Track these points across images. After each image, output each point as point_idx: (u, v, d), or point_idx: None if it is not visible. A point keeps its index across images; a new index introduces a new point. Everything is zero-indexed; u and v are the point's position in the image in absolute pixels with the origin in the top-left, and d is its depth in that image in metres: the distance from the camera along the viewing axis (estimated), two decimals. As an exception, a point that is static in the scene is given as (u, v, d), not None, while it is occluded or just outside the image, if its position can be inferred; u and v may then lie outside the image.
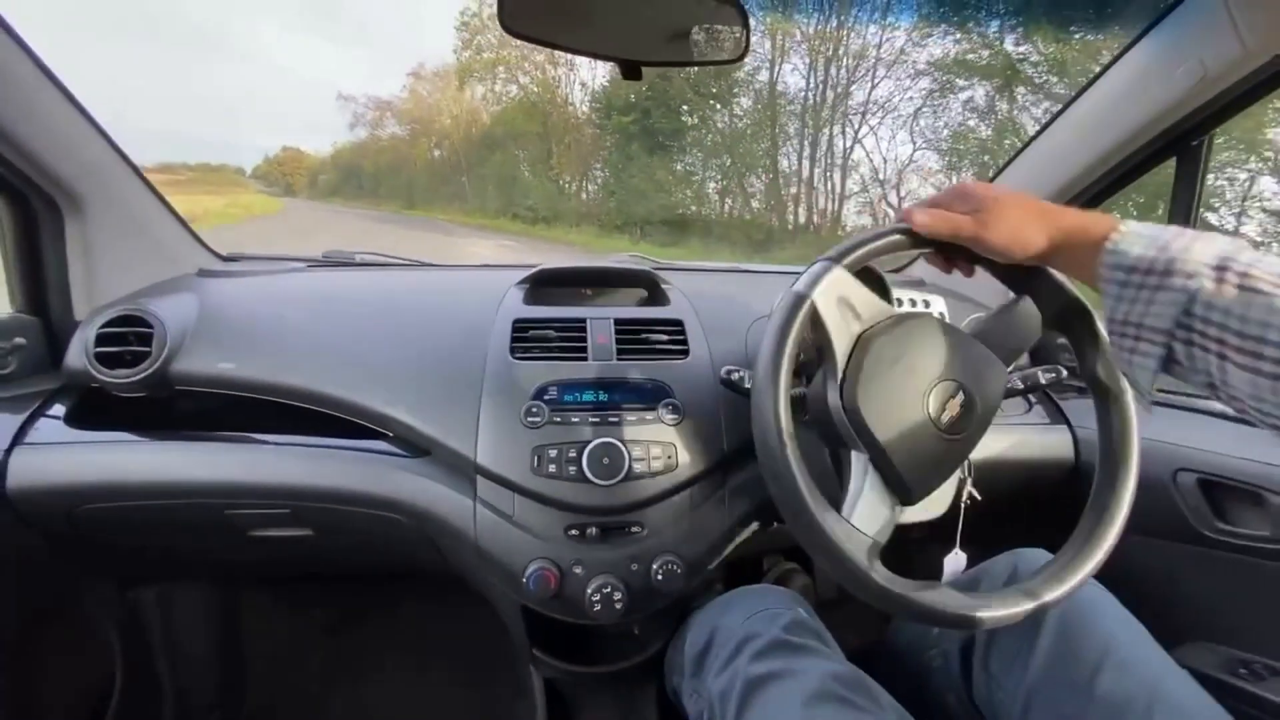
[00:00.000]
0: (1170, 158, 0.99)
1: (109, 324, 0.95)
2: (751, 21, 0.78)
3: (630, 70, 0.76)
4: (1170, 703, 0.62)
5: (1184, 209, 0.99)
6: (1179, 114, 0.91)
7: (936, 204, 0.68)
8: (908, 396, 0.69)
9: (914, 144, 15.05)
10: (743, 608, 0.82)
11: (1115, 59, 0.98)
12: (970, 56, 12.95)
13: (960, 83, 13.25)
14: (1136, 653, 0.67)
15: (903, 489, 0.68)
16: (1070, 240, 0.61)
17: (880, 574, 0.64)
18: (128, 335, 0.95)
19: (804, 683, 0.67)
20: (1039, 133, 1.13)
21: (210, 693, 1.42)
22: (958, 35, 13.15)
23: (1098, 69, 1.01)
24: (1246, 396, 0.50)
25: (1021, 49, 11.89)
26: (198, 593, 1.40)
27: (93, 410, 0.99)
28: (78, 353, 0.95)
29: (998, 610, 0.65)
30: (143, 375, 0.94)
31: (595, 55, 0.76)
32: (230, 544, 1.09)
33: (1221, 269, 0.51)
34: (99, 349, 0.94)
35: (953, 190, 0.67)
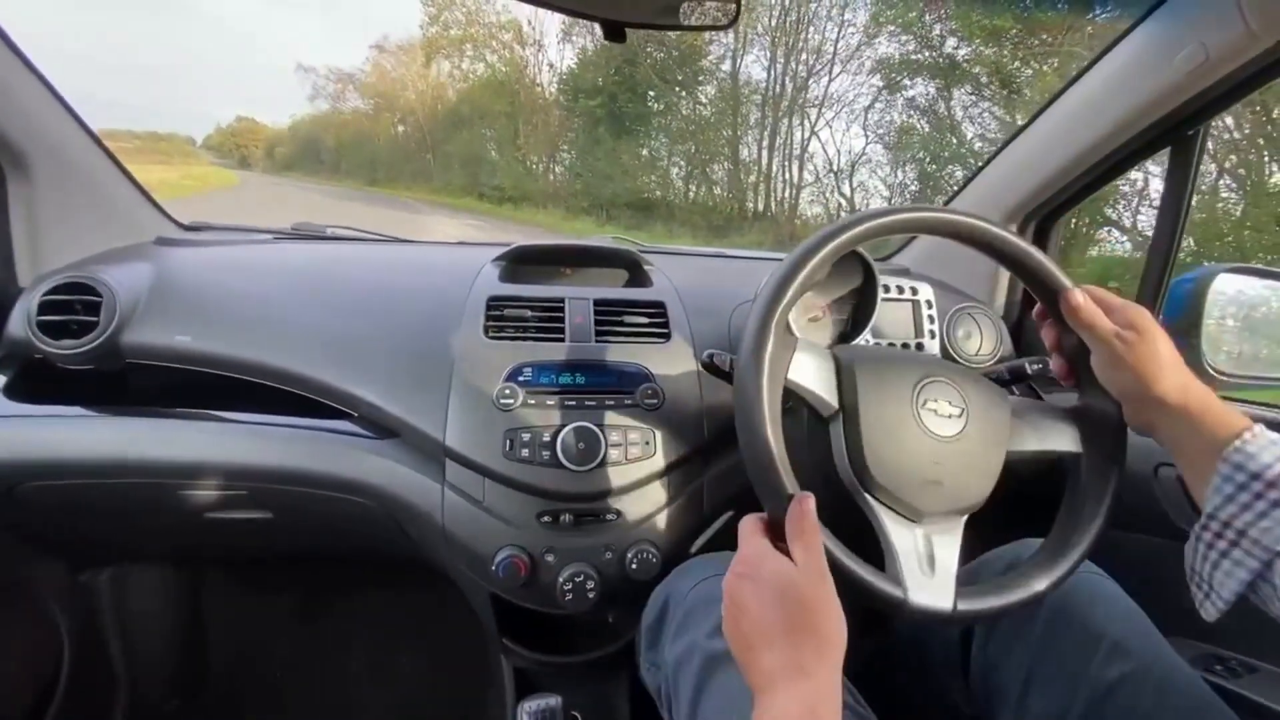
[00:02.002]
0: (1165, 148, 0.97)
1: (54, 291, 0.88)
2: None
3: (613, 31, 0.71)
4: (1162, 686, 0.62)
5: (1176, 201, 0.97)
6: (1177, 101, 0.88)
7: (1103, 301, 0.65)
8: (900, 373, 0.66)
9: (866, 138, 15.31)
10: (693, 573, 0.78)
11: (1112, 44, 0.95)
12: (915, 57, 13.24)
13: (905, 81, 13.57)
14: (1132, 636, 0.66)
15: (855, 463, 0.65)
16: (1201, 418, 0.57)
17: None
18: (74, 304, 0.88)
19: None
20: (1029, 121, 1.10)
21: (167, 681, 1.35)
22: (903, 37, 13.44)
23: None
24: None
25: (962, 51, 12.17)
26: (155, 575, 1.33)
27: (37, 383, 0.92)
28: (19, 321, 0.88)
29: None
30: (89, 346, 0.88)
31: (577, 14, 0.71)
32: (185, 525, 1.04)
33: None
34: (42, 317, 0.87)
35: (1116, 303, 0.64)
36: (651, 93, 19.59)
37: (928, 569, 0.63)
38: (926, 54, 13.01)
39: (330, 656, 1.47)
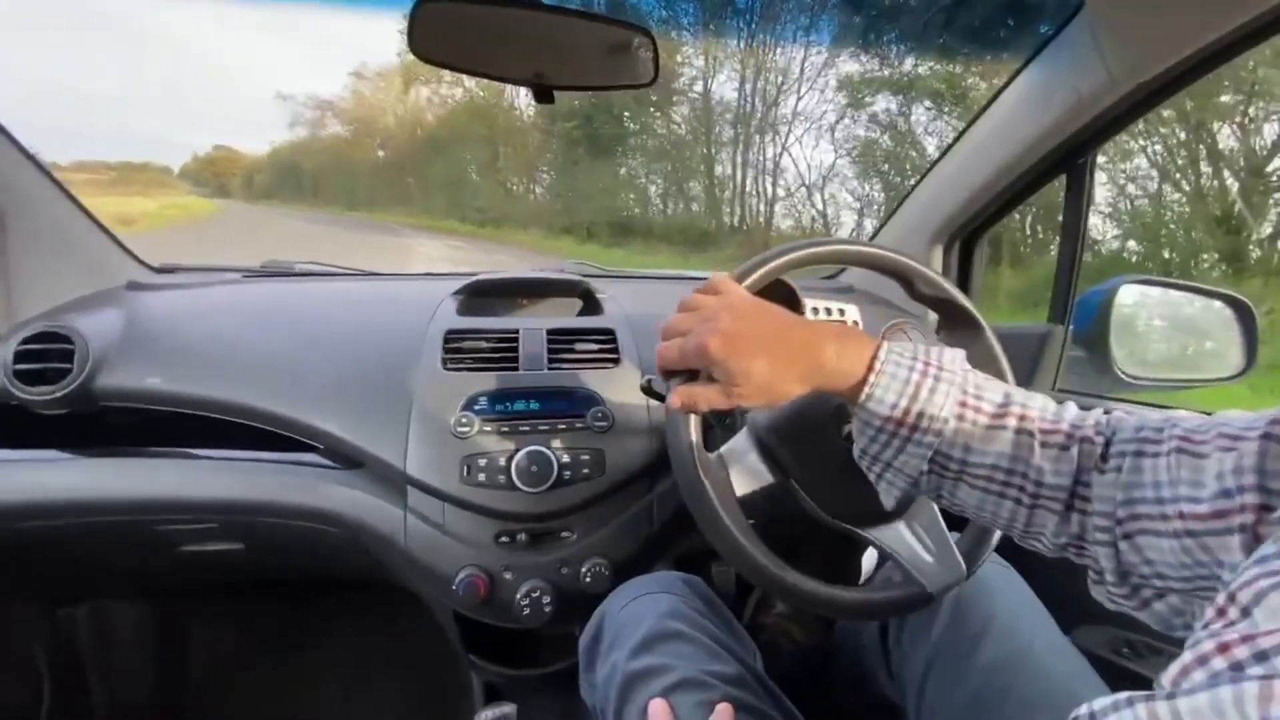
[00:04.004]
0: (1059, 175, 1.05)
1: (28, 340, 0.91)
2: (686, 36, 0.79)
3: (542, 95, 0.76)
4: (1038, 667, 0.65)
5: (1074, 221, 1.04)
6: (1062, 135, 0.96)
7: (671, 362, 0.62)
8: (813, 418, 0.71)
9: (835, 152, 15.65)
10: (624, 594, 0.81)
11: (1003, 87, 1.03)
12: (876, 74, 13.65)
13: (868, 98, 13.93)
14: (1016, 621, 0.70)
15: (824, 507, 0.71)
16: (831, 384, 0.57)
17: (760, 552, 0.66)
18: (48, 352, 0.92)
19: (669, 678, 0.66)
20: (941, 155, 1.18)
21: (146, 713, 1.37)
22: (865, 56, 13.85)
23: (985, 87, 1.07)
24: (970, 507, 0.57)
25: (920, 69, 12.56)
26: (132, 609, 1.36)
27: (15, 429, 0.95)
28: None
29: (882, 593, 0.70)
30: (64, 392, 0.91)
31: (507, 80, 0.76)
32: (160, 560, 1.07)
33: (961, 408, 0.55)
34: (18, 366, 0.90)
35: (682, 339, 0.60)
36: (627, 114, 19.72)
37: (927, 554, 0.71)
38: (886, 71, 13.40)
39: (307, 681, 1.49)
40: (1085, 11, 0.86)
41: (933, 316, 1.30)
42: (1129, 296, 1.05)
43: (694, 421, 0.67)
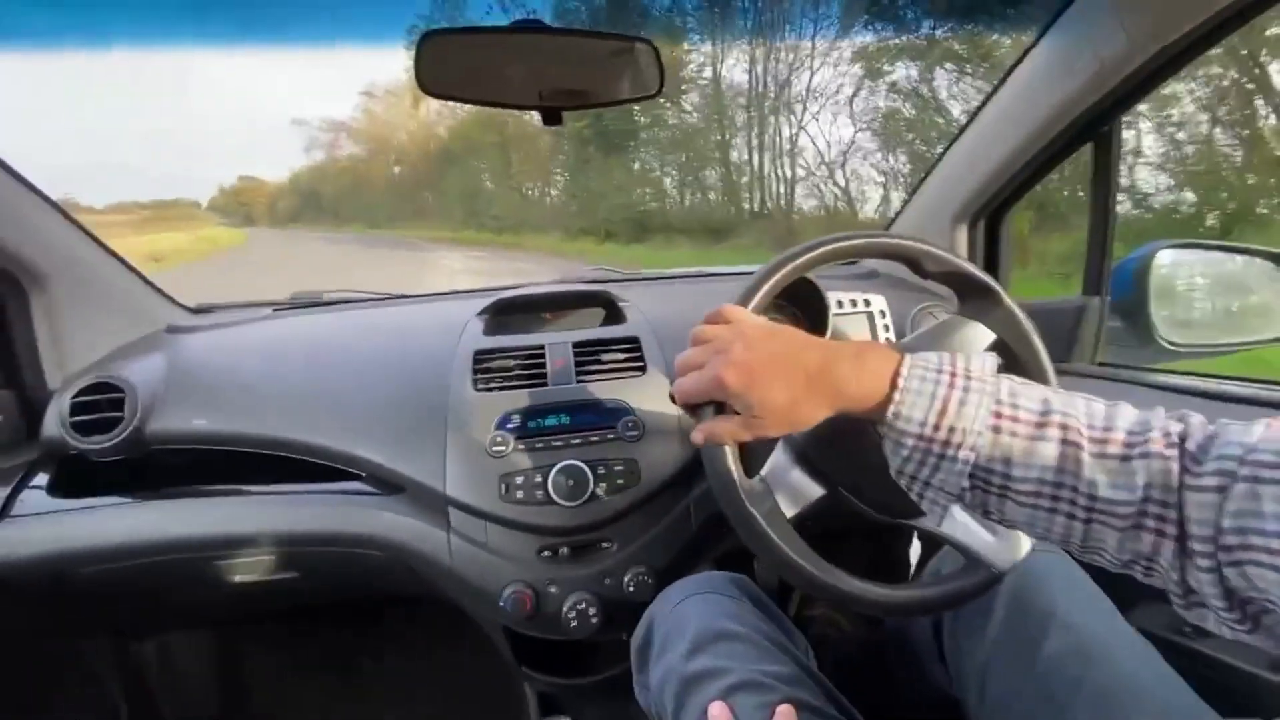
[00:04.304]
0: (1085, 143, 1.03)
1: (82, 392, 0.96)
2: (692, 25, 0.79)
3: (550, 117, 0.77)
4: (1106, 658, 0.65)
5: (1104, 191, 1.03)
6: (1084, 104, 0.95)
7: (691, 396, 0.62)
8: (849, 418, 0.72)
9: (855, 126, 15.34)
10: (673, 595, 0.82)
11: (1021, 56, 1.02)
12: (893, 43, 13.38)
13: (885, 67, 13.65)
14: (1081, 613, 0.69)
15: (874, 506, 0.72)
16: (854, 406, 0.56)
17: (817, 566, 0.67)
18: (100, 402, 0.96)
19: (726, 680, 0.67)
20: (960, 131, 1.17)
21: None
22: (878, 25, 13.58)
23: (1009, 44, 1.05)
24: (1021, 523, 0.53)
25: (938, 34, 12.29)
26: (195, 640, 1.41)
27: (74, 477, 1.00)
28: (54, 423, 0.96)
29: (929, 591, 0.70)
30: (118, 440, 0.95)
31: (515, 107, 0.78)
32: (219, 593, 1.10)
33: (997, 419, 0.51)
34: (74, 418, 0.95)
35: (697, 377, 0.61)
36: (636, 108, 19.68)
37: (987, 533, 0.71)
38: (903, 38, 13.12)
39: (364, 699, 1.53)
40: None
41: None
42: (1166, 261, 1.03)
43: (730, 450, 0.68)
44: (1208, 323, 1.13)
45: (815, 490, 0.72)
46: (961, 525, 0.72)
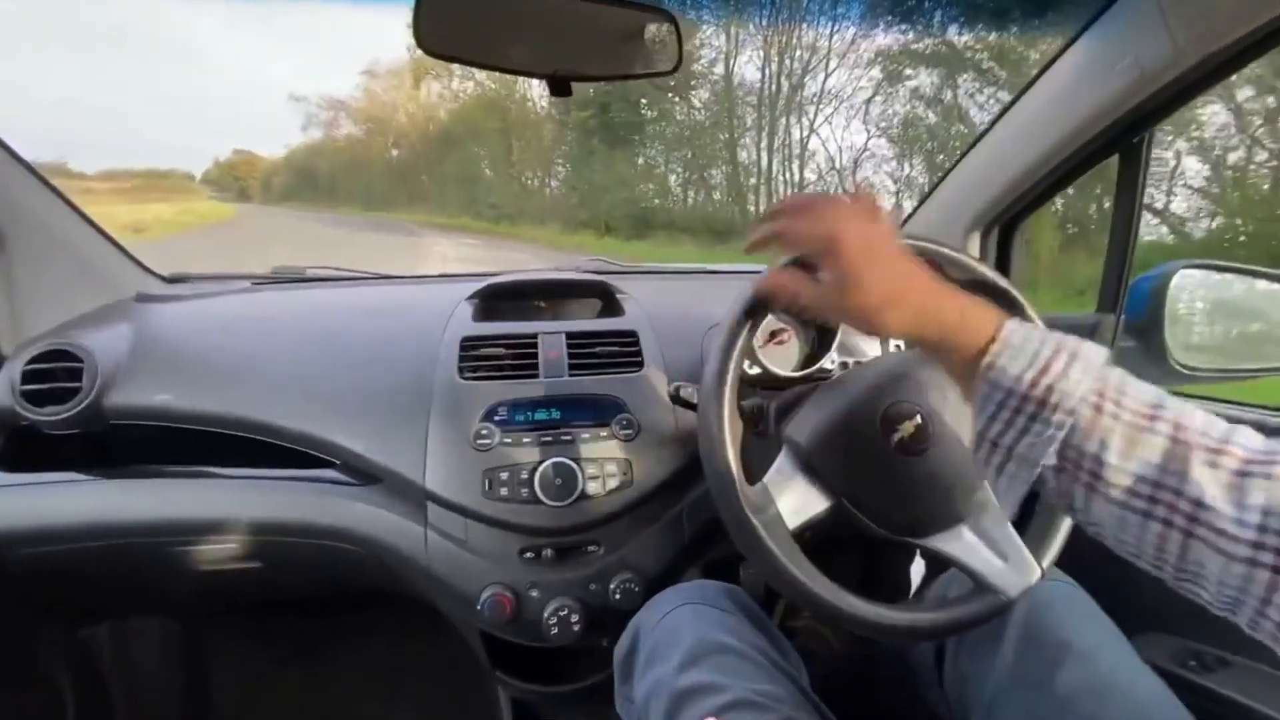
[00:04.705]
0: (1112, 155, 0.99)
1: (35, 359, 0.91)
2: (706, 17, 0.76)
3: (559, 87, 0.74)
4: (1124, 695, 0.63)
5: (1128, 204, 0.99)
6: (1118, 112, 0.91)
7: (795, 239, 0.62)
8: (858, 425, 0.69)
9: (868, 132, 15.34)
10: (661, 605, 0.79)
11: (1053, 59, 0.98)
12: (916, 46, 13.29)
13: (907, 71, 13.59)
14: (1096, 647, 0.67)
15: (879, 520, 0.70)
16: (946, 337, 0.55)
17: (819, 585, 0.65)
18: (56, 370, 0.91)
19: (721, 697, 0.64)
20: (983, 133, 1.13)
21: None
22: (903, 26, 13.49)
23: (1037, 56, 1.02)
24: (1109, 526, 0.49)
25: (965, 38, 12.23)
26: (152, 627, 1.36)
27: (24, 451, 0.95)
28: (3, 390, 0.91)
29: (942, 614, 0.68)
30: (73, 412, 0.90)
31: (521, 73, 0.74)
32: (178, 580, 1.07)
33: (1099, 398, 0.48)
34: (26, 386, 0.90)
35: (817, 225, 0.60)
36: (644, 100, 19.64)
37: (997, 558, 0.69)
38: (928, 41, 13.06)
39: (331, 698, 1.49)
40: None
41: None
42: (1185, 282, 1.01)
43: (732, 452, 0.66)
44: (1224, 347, 1.11)
45: (818, 502, 0.70)
46: (970, 547, 0.70)
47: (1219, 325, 1.10)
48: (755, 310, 0.69)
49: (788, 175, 16.49)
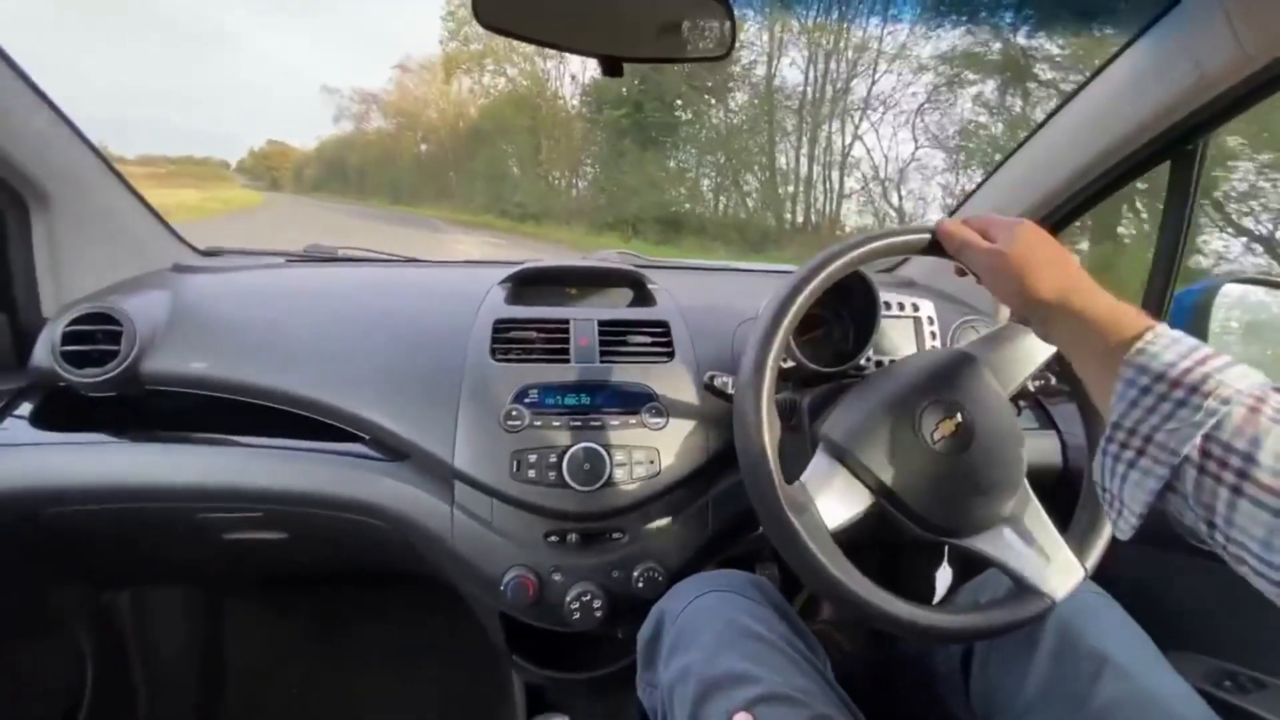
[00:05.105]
0: (1165, 161, 0.99)
1: (76, 321, 0.94)
2: (749, 14, 0.77)
3: (612, 67, 0.75)
4: (1165, 711, 0.62)
5: (1178, 213, 0.99)
6: (1175, 117, 0.91)
7: (981, 219, 0.68)
8: (896, 422, 0.70)
9: (916, 141, 15.01)
10: (686, 592, 0.79)
11: (1110, 60, 0.98)
12: (978, 49, 12.89)
13: (970, 76, 13.16)
14: (1133, 660, 0.67)
15: (919, 521, 0.70)
16: (1090, 317, 0.56)
17: (860, 586, 0.65)
18: (96, 333, 0.94)
19: (753, 689, 0.65)
20: (1031, 134, 1.13)
21: (187, 698, 1.41)
22: (967, 27, 13.12)
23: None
24: (1256, 540, 0.44)
25: (1033, 42, 11.87)
26: (174, 595, 1.39)
27: (61, 411, 0.98)
28: (44, 351, 0.94)
29: (986, 619, 0.68)
30: (111, 374, 0.93)
31: (575, 50, 0.75)
32: (202, 547, 1.09)
33: (1259, 401, 0.45)
34: (66, 347, 0.93)
35: (996, 220, 0.68)
36: (679, 101, 19.49)
37: (1040, 557, 0.69)
38: (994, 45, 12.48)
39: (346, 674, 1.52)
40: None
41: (1004, 314, 1.28)
42: (1232, 297, 1.00)
43: (770, 447, 0.66)
44: (1268, 366, 1.10)
45: (857, 502, 0.70)
46: (1012, 548, 0.70)
47: (1267, 342, 1.09)
48: (787, 314, 0.70)
49: (827, 184, 16.26)
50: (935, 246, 0.69)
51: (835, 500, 0.69)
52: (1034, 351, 0.78)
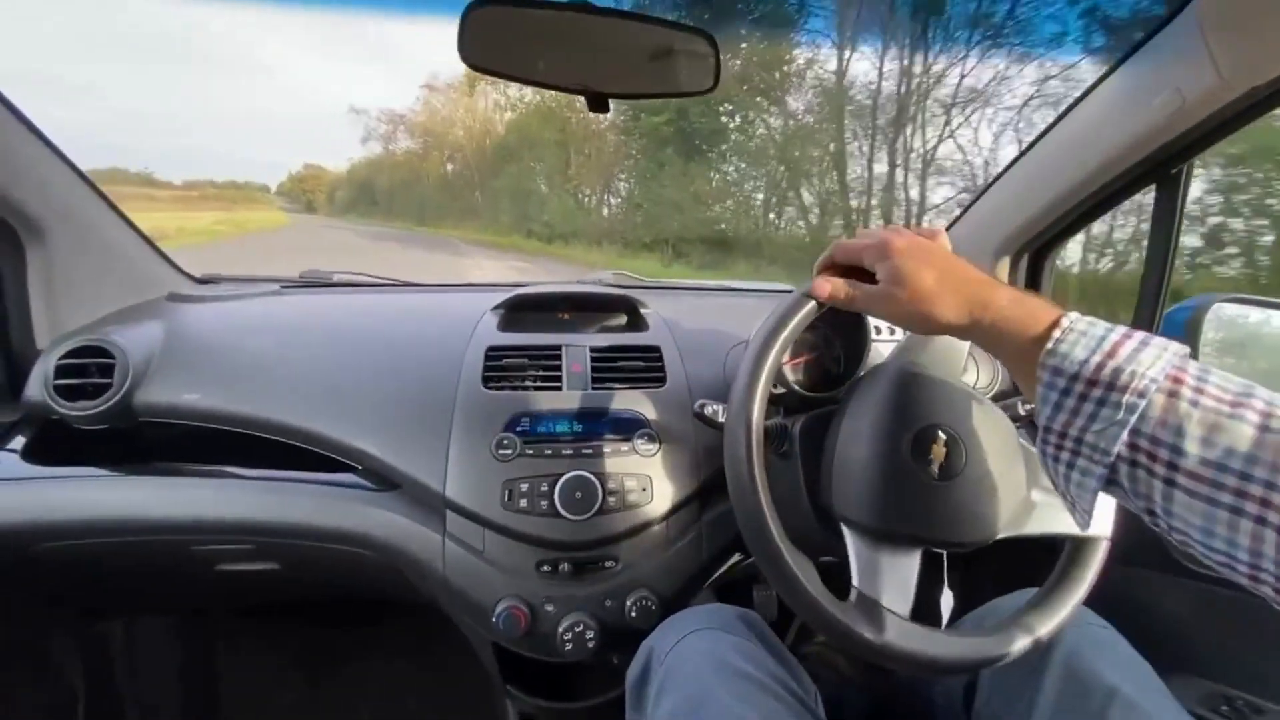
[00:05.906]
0: (1149, 185, 1.04)
1: (69, 354, 0.98)
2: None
3: (598, 103, 0.79)
4: None
5: (1164, 236, 1.03)
6: (1158, 142, 0.95)
7: (848, 251, 0.69)
8: (893, 470, 0.72)
9: (1020, 143, 12.62)
10: (675, 629, 0.81)
11: (1094, 85, 1.02)
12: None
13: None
14: (1141, 693, 0.68)
15: (948, 545, 0.73)
16: (1001, 328, 0.58)
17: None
18: (89, 366, 0.99)
19: None
20: (1016, 159, 1.17)
21: None
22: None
23: None
24: (1195, 529, 0.48)
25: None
26: (166, 626, 1.44)
27: (54, 444, 1.02)
28: (37, 384, 0.99)
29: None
30: (103, 407, 0.98)
31: (560, 88, 0.79)
32: (195, 578, 1.13)
33: (1175, 384, 0.48)
34: (59, 380, 0.97)
35: (868, 239, 0.67)
36: (727, 106, 18.39)
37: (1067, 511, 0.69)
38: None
39: (340, 704, 1.56)
40: (1194, 3, 0.84)
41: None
42: (1222, 316, 1.03)
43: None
44: (1260, 380, 1.12)
45: (911, 565, 0.73)
46: (1050, 511, 0.73)
47: (1253, 361, 1.12)
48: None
49: (906, 194, 14.77)
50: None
51: (897, 583, 0.72)
52: None
